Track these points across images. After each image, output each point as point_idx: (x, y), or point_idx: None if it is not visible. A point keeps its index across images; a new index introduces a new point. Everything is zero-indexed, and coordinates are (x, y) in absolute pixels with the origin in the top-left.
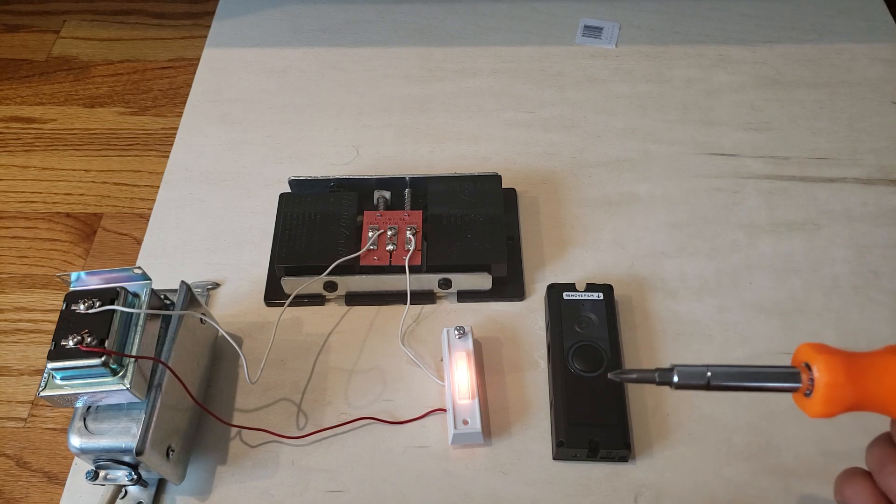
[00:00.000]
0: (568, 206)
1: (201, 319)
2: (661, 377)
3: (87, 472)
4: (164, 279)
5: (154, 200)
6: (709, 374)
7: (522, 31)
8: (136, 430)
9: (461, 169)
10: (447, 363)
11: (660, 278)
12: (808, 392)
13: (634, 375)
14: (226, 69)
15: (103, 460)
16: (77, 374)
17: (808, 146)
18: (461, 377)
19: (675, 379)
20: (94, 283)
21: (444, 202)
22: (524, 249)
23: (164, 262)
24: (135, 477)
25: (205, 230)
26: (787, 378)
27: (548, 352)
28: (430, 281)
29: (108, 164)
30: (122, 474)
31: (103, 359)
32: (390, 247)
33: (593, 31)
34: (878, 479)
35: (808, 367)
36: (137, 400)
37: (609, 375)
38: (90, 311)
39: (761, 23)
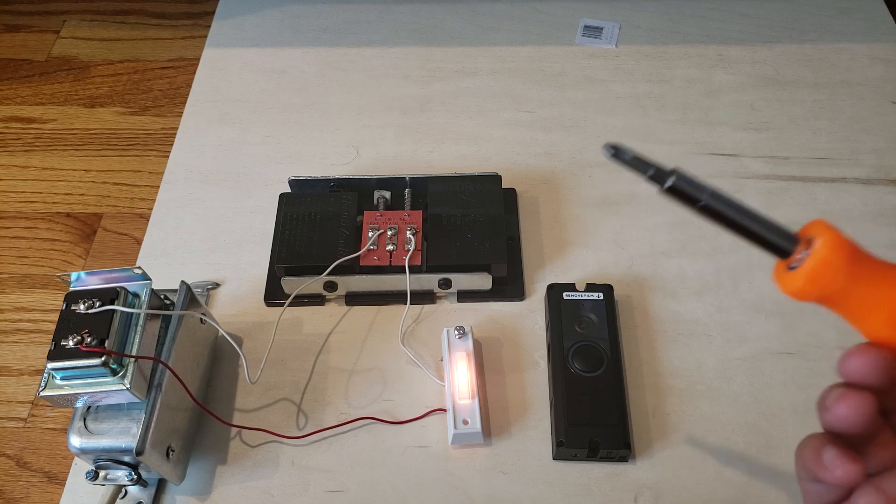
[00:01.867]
0: (568, 206)
1: (201, 319)
2: (657, 175)
3: (87, 472)
4: (164, 279)
5: (154, 200)
6: (707, 193)
7: (522, 31)
8: (136, 430)
9: (461, 169)
10: (447, 363)
11: (660, 278)
12: (793, 266)
13: (629, 157)
14: (226, 69)
15: (103, 460)
16: (77, 374)
17: (808, 146)
18: (461, 377)
19: (670, 182)
20: (94, 283)
21: (444, 202)
22: (524, 249)
23: (164, 262)
24: (135, 477)
25: (205, 230)
26: (784, 238)
27: (548, 352)
28: (430, 281)
29: (108, 164)
30: (122, 474)
31: (103, 359)
32: (390, 247)
33: (593, 31)
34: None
35: (810, 244)
36: (137, 400)
37: (604, 146)
38: (90, 311)
39: (761, 23)
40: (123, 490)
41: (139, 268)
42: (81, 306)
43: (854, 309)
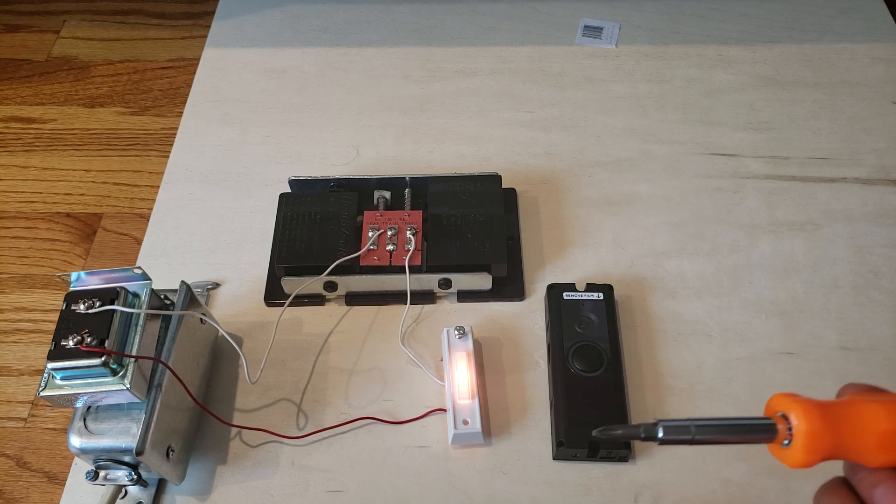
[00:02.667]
0: (568, 206)
1: (201, 319)
2: (647, 432)
3: (87, 472)
4: (164, 279)
5: (154, 200)
6: (693, 429)
7: (522, 31)
8: (136, 430)
9: (461, 169)
10: (447, 363)
11: (660, 278)
12: (785, 442)
13: (619, 432)
14: (226, 69)
15: (103, 460)
16: (77, 374)
17: (808, 146)
18: (461, 377)
19: (661, 434)
20: (94, 283)
21: (444, 202)
22: (524, 249)
23: (164, 262)
24: (135, 477)
25: (205, 230)
26: (766, 430)
27: (548, 352)
28: (430, 281)
29: (108, 164)
30: (122, 474)
31: (103, 359)
32: (390, 247)
33: (593, 31)
34: None
35: (785, 418)
36: (137, 400)
37: (594, 433)
38: (90, 311)
39: (761, 23)
40: (123, 490)
41: (139, 268)
42: (81, 306)
43: (854, 451)
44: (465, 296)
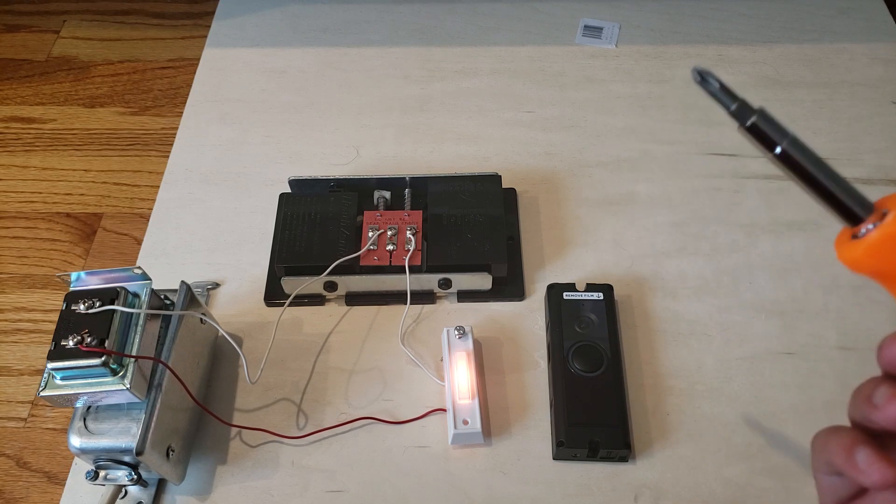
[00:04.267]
0: (568, 206)
1: (201, 319)
2: (740, 109)
3: (87, 472)
4: (164, 279)
5: (154, 200)
6: (791, 137)
7: (522, 31)
8: (136, 430)
9: (461, 169)
10: (447, 363)
11: (660, 278)
12: (863, 231)
13: (715, 87)
14: (226, 69)
15: (103, 460)
16: (77, 374)
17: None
18: (461, 377)
19: (752, 120)
20: (94, 283)
21: (444, 202)
22: (524, 249)
23: (164, 262)
24: (135, 477)
25: (205, 230)
26: (858, 203)
27: (548, 352)
28: (430, 281)
29: (108, 164)
30: (122, 474)
31: (103, 359)
32: (390, 247)
33: (593, 31)
34: (866, 405)
35: (883, 217)
36: (137, 400)
37: (693, 70)
38: (90, 311)
39: (761, 23)
40: (123, 490)
41: (139, 268)
42: (81, 306)
43: None
44: (465, 296)
